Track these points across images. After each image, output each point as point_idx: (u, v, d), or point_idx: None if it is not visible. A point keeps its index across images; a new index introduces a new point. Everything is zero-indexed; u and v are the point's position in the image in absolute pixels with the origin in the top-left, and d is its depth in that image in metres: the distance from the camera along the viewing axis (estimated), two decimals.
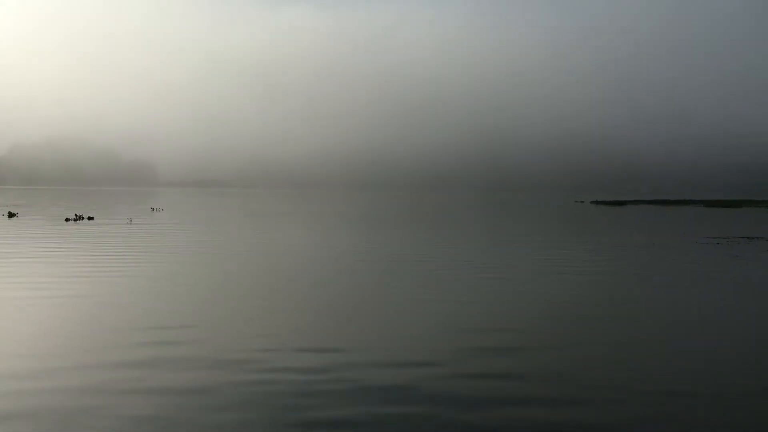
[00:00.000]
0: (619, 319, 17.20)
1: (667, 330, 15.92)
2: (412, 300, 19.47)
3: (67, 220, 57.80)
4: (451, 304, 18.80)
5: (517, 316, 17.29)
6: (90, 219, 59.54)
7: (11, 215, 64.19)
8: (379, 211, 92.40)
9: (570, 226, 62.11)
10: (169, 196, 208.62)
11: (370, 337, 14.80)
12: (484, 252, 34.19)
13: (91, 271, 24.63)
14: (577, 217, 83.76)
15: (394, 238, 42.91)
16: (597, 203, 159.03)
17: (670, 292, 21.67)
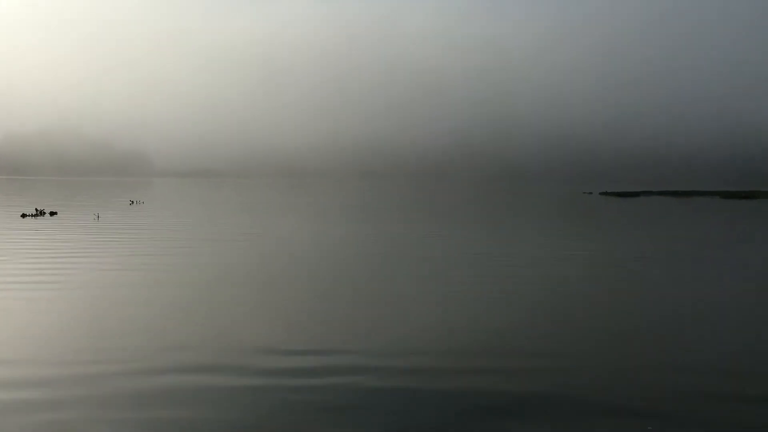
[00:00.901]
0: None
1: None
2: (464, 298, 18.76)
3: (24, 215, 50.07)
4: (487, 303, 18.02)
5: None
6: (52, 215, 51.89)
7: None
8: (380, 203, 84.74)
9: (594, 221, 55.37)
10: (159, 186, 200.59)
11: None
12: (508, 246, 32.11)
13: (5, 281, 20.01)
14: (594, 210, 77.31)
15: (409, 232, 38.50)
16: (606, 194, 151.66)
17: None
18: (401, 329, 14.58)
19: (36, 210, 54.12)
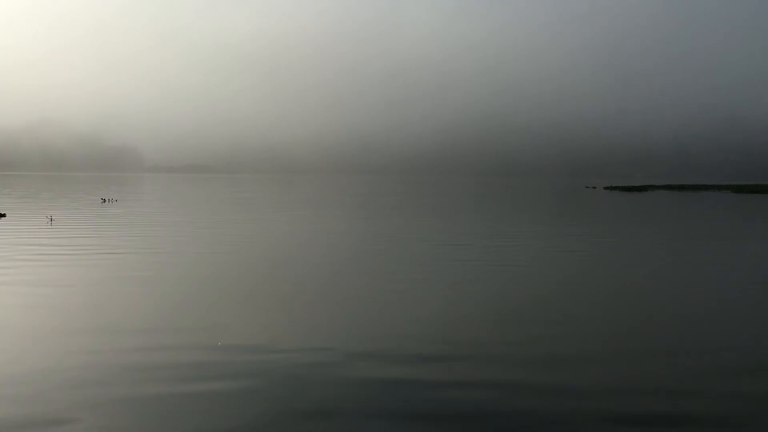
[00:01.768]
0: None
1: None
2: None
3: None
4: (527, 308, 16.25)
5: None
6: (0, 217, 44.64)
7: None
8: (375, 198, 77.55)
9: (608, 216, 50.24)
10: (144, 182, 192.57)
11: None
12: (524, 244, 29.68)
13: None
14: (604, 205, 71.47)
15: (417, 229, 36.12)
16: (611, 189, 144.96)
17: None
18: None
19: None
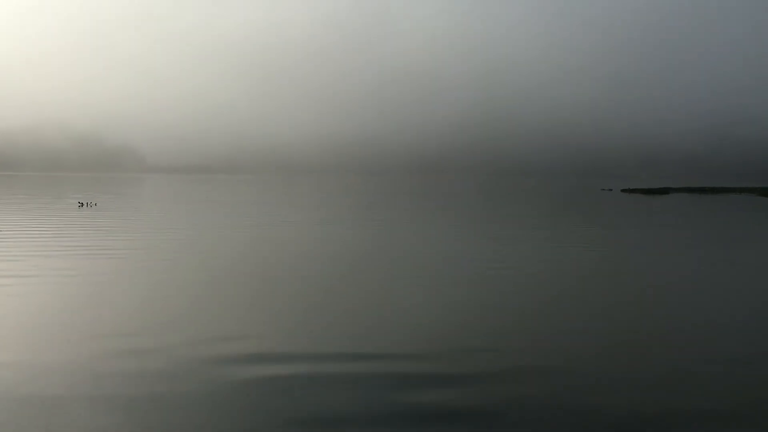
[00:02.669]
0: None
1: None
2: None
3: None
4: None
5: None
6: None
7: None
8: (383, 199, 70.57)
9: (637, 222, 44.60)
10: (139, 183, 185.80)
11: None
12: (555, 253, 27.35)
13: None
14: (627, 209, 65.17)
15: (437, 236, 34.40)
16: (629, 191, 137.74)
17: None
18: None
19: None
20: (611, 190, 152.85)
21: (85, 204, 61.10)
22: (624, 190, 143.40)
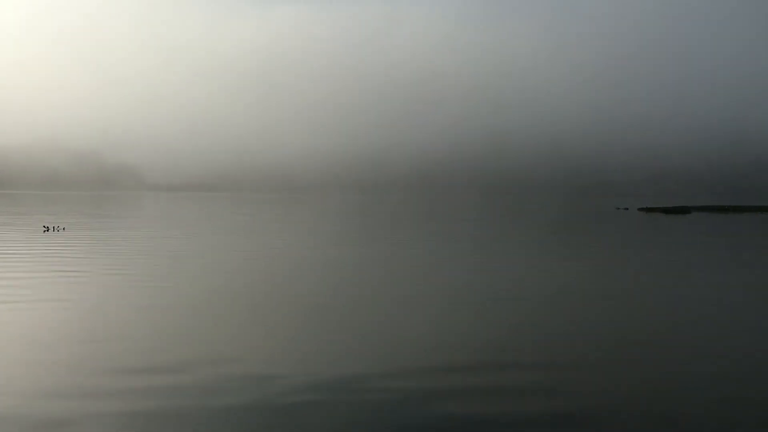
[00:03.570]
0: None
1: None
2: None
3: None
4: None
5: None
6: None
7: None
8: (384, 217, 63.37)
9: (673, 246, 39.09)
10: (129, 203, 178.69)
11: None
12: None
13: None
14: (655, 231, 58.40)
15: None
16: (646, 210, 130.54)
17: None
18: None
19: None
20: (627, 209, 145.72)
21: (51, 228, 53.84)
22: (641, 209, 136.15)
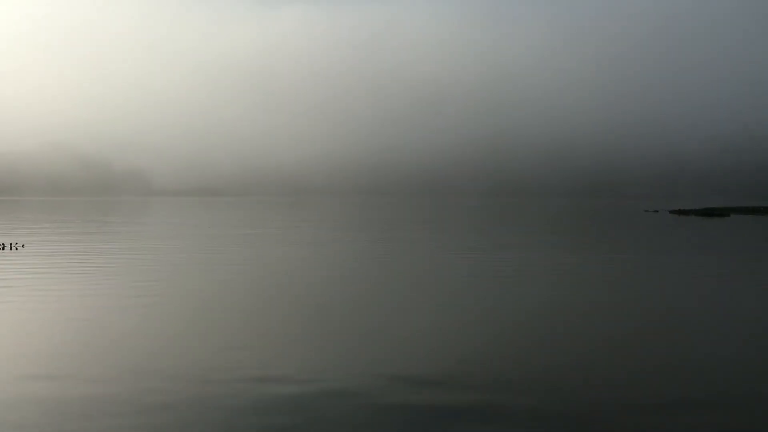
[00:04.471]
0: None
1: None
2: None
3: None
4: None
5: None
6: None
7: None
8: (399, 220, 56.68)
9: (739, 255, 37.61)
10: (125, 209, 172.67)
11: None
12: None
13: None
14: (705, 238, 54.16)
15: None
16: (679, 213, 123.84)
17: None
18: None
19: None
20: (657, 211, 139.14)
21: (8, 246, 47.29)
22: (673, 212, 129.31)
